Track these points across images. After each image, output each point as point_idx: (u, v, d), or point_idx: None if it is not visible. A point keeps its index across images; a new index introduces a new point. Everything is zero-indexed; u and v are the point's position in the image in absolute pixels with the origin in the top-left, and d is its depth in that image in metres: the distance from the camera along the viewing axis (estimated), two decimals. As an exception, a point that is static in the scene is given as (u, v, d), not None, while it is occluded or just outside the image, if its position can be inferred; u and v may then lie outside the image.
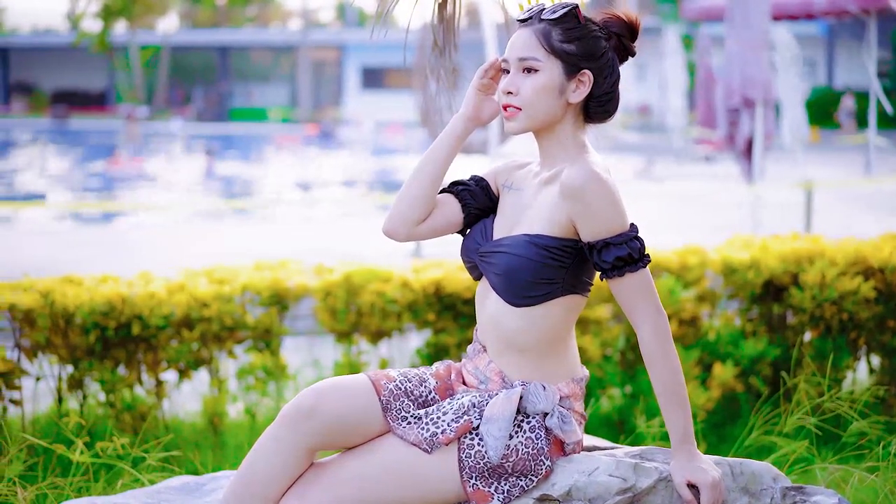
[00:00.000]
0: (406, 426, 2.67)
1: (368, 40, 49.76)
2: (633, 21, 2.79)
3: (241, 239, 14.12)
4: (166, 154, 30.67)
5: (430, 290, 5.35)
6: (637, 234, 2.68)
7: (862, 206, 15.87)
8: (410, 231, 2.89)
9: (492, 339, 2.77)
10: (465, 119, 2.90)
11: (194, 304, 5.17)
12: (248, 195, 20.09)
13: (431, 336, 5.45)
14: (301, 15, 50.78)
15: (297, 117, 45.22)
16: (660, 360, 2.65)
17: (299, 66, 47.28)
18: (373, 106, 45.83)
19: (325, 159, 29.41)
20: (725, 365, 5.42)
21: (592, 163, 2.69)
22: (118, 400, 5.11)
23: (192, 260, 10.79)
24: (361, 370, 5.44)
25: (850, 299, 5.31)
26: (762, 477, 2.64)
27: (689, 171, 22.51)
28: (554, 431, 2.66)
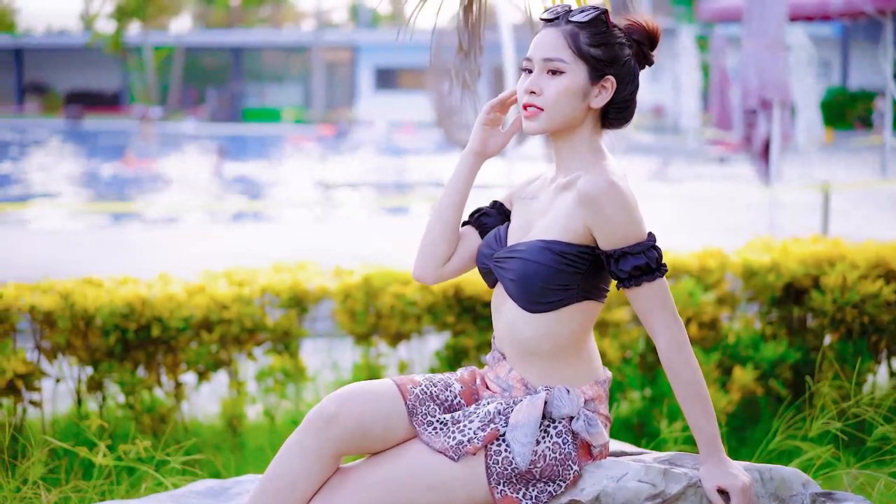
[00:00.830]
0: (432, 432, 2.65)
1: (382, 41, 49.96)
2: (653, 29, 2.77)
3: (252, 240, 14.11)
4: (178, 155, 30.70)
5: (449, 293, 5.34)
6: (654, 243, 2.66)
7: (878, 207, 15.81)
8: (438, 272, 2.92)
9: (510, 346, 2.75)
10: (473, 154, 2.91)
11: (214, 306, 5.17)
12: (259, 196, 20.09)
13: (450, 338, 5.44)
14: (314, 16, 50.82)
15: (310, 118, 45.25)
16: (680, 368, 2.64)
17: (313, 66, 47.31)
18: (386, 106, 45.84)
19: (340, 159, 29.42)
20: (745, 368, 5.41)
21: (609, 170, 2.67)
22: (137, 402, 5.11)
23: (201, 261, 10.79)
24: (380, 372, 5.44)
25: (871, 302, 5.28)
26: (792, 483, 2.62)
27: (702, 172, 22.46)
28: (581, 435, 2.65)
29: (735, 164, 23.28)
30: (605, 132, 2.81)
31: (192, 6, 56.87)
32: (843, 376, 5.18)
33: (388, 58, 49.09)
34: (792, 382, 5.51)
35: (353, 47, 50.24)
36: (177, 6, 52.38)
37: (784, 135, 10.93)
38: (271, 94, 51.49)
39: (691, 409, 2.64)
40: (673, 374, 2.64)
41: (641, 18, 2.76)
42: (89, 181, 23.16)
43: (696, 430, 2.64)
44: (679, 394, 2.64)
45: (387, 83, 49.86)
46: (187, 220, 16.88)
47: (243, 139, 37.50)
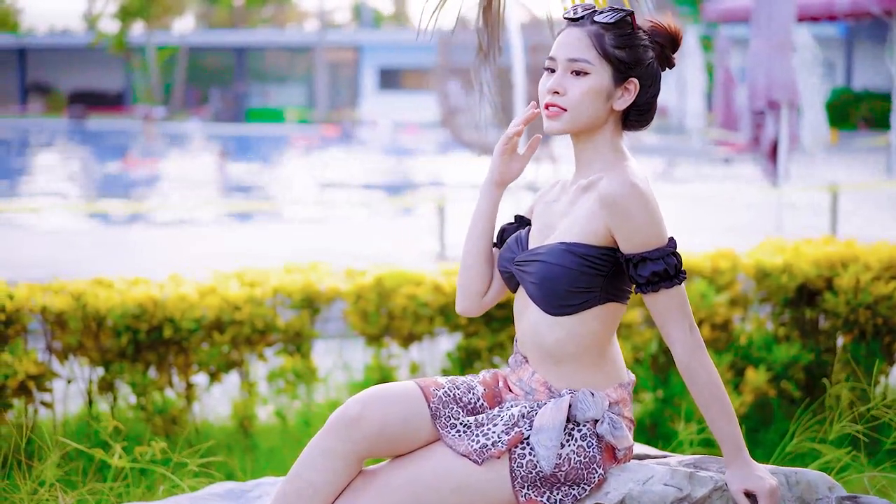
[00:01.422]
0: (455, 435, 2.64)
1: (385, 41, 49.92)
2: (676, 32, 2.75)
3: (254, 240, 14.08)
4: (181, 155, 30.68)
5: (461, 294, 5.32)
6: (675, 249, 2.64)
7: (882, 208, 15.78)
8: (480, 304, 2.93)
9: (532, 349, 2.74)
10: (493, 185, 2.89)
11: (226, 307, 5.16)
12: (262, 196, 20.06)
13: (462, 340, 5.43)
14: (317, 16, 50.81)
15: (313, 118, 45.24)
16: (697, 375, 2.62)
17: (316, 66, 47.30)
18: (389, 107, 45.82)
19: (345, 160, 29.41)
20: (758, 370, 5.39)
21: (631, 172, 2.65)
22: (149, 403, 5.10)
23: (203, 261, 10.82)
24: (392, 374, 5.43)
25: (885, 304, 5.26)
26: (818, 486, 2.60)
27: (708, 172, 22.45)
28: (606, 438, 2.63)
29: (739, 165, 23.26)
30: (625, 134, 2.80)
31: (195, 6, 56.88)
32: (861, 378, 5.16)
33: (391, 58, 49.09)
34: (805, 384, 5.49)
35: (357, 47, 50.23)
36: (180, 6, 52.37)
37: (792, 135, 10.91)
38: (275, 94, 51.48)
39: (712, 415, 2.62)
40: (691, 381, 2.63)
41: (664, 21, 2.74)
42: (92, 181, 23.14)
43: (718, 434, 2.62)
44: (698, 400, 2.63)
45: (390, 83, 49.85)
46: (189, 220, 16.85)
47: (247, 139, 37.49)
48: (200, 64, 52.34)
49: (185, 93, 50.64)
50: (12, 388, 4.87)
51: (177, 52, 50.33)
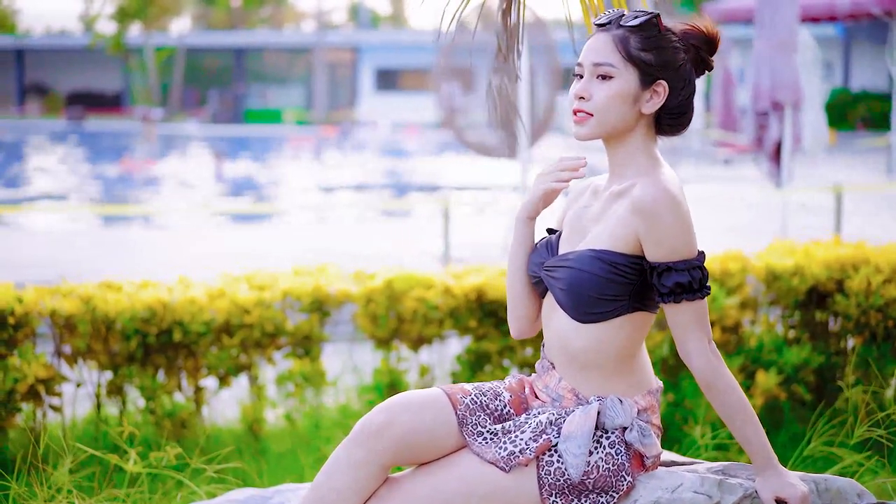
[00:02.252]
0: (482, 442, 2.61)
1: (383, 42, 49.87)
2: (712, 34, 2.71)
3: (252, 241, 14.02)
4: (180, 156, 30.62)
5: (471, 297, 5.31)
6: (702, 263, 2.61)
7: (883, 209, 15.78)
8: (534, 325, 2.91)
9: (559, 355, 2.71)
10: (529, 220, 2.85)
11: (235, 311, 5.15)
12: (260, 197, 20.00)
13: (472, 343, 5.41)
14: (314, 16, 50.78)
15: (312, 119, 45.20)
16: (717, 388, 2.60)
17: (314, 67, 47.27)
18: (387, 108, 45.79)
19: (344, 161, 29.38)
20: (768, 373, 5.37)
21: (666, 179, 2.62)
22: (158, 407, 5.08)
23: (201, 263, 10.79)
24: (401, 377, 5.41)
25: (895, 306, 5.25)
26: (847, 493, 2.59)
27: (708, 173, 22.43)
28: (634, 446, 2.61)
29: (740, 166, 23.24)
30: (659, 139, 2.77)
31: (192, 7, 56.83)
32: (866, 380, 5.14)
33: (389, 59, 49.06)
34: (815, 386, 5.47)
35: (355, 48, 50.20)
36: (178, 7, 52.32)
37: (795, 136, 10.90)
38: (273, 95, 51.42)
39: (737, 425, 2.60)
40: (712, 394, 2.61)
41: (700, 23, 2.71)
42: (90, 183, 23.07)
43: (745, 443, 2.60)
44: (721, 412, 2.61)
45: (388, 84, 49.81)
46: (187, 221, 16.81)
47: (245, 140, 37.44)
48: (198, 65, 52.28)
49: (182, 94, 50.58)
50: (22, 392, 4.85)
51: (174, 53, 50.26)
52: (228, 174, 24.36)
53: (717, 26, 2.73)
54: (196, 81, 51.88)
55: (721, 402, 2.61)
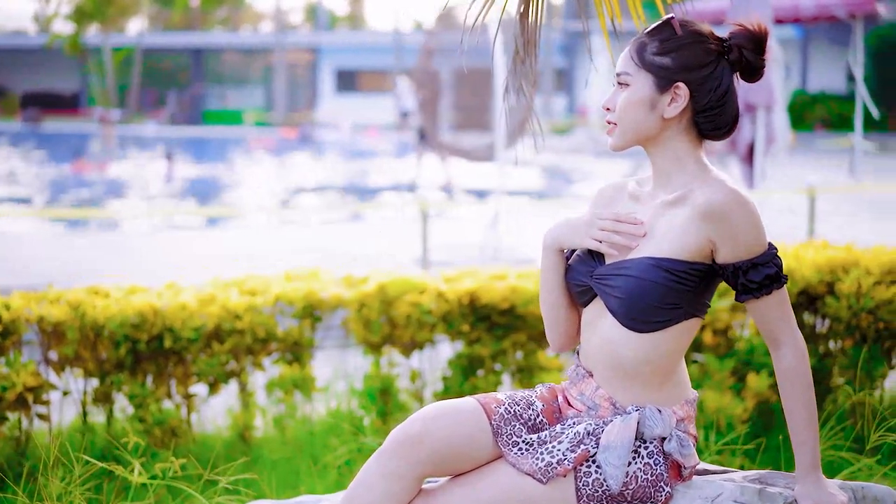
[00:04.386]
0: (518, 453, 2.57)
1: (343, 43, 49.74)
2: (757, 32, 2.67)
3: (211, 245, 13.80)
4: (138, 158, 30.31)
5: (464, 301, 5.27)
6: (776, 250, 2.62)
7: (853, 209, 15.90)
8: (574, 340, 2.87)
9: (602, 365, 2.67)
10: (559, 251, 2.79)
11: (226, 316, 5.08)
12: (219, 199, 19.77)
13: (464, 347, 5.37)
14: (272, 17, 50.58)
15: (271, 120, 45.01)
16: (802, 378, 2.59)
17: (274, 68, 47.07)
18: (347, 109, 45.70)
19: (306, 162, 29.24)
20: (760, 375, 5.37)
21: (730, 182, 2.61)
22: (147, 414, 5.00)
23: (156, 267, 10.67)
24: (392, 382, 5.35)
25: (886, 308, 5.26)
26: (885, 501, 2.57)
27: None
28: (673, 456, 2.57)
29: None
30: (705, 143, 2.74)
31: (150, 8, 56.41)
32: (856, 382, 5.16)
33: (349, 60, 48.95)
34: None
35: (314, 49, 50.04)
36: (136, 8, 51.90)
37: (768, 138, 10.94)
38: (232, 96, 51.16)
39: (799, 423, 2.58)
40: (793, 384, 2.59)
41: (749, 22, 2.68)
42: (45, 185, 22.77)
43: (800, 446, 2.58)
44: (796, 406, 2.58)
45: (347, 85, 49.72)
46: (144, 225, 16.61)
47: (204, 142, 37.20)
48: (156, 66, 51.93)
49: (140, 95, 50.21)
50: (10, 400, 4.76)
51: (132, 54, 49.88)
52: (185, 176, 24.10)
53: (765, 26, 2.69)
54: (154, 82, 51.53)
55: (797, 393, 2.59)
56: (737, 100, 2.70)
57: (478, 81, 13.72)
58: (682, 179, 2.67)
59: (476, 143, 11.29)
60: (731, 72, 2.68)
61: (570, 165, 26.52)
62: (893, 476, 3.74)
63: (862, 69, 17.92)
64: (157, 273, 9.92)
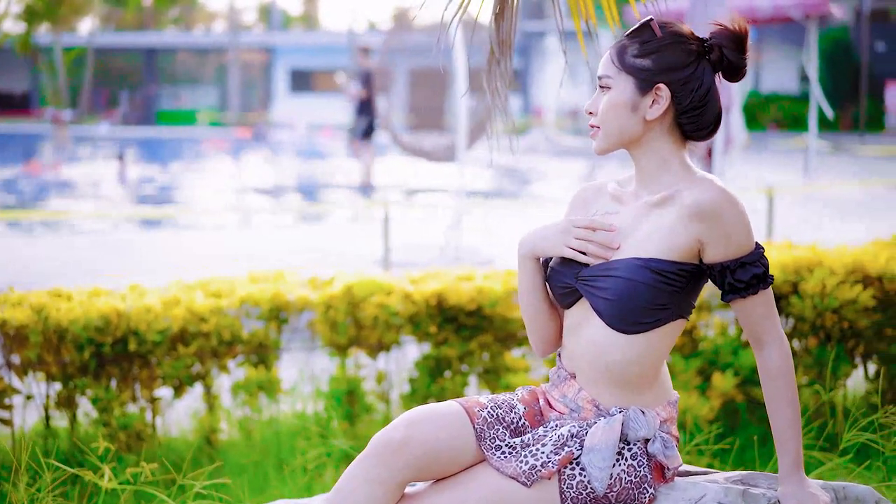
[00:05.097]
0: (501, 457, 2.56)
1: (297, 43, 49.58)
2: (737, 30, 2.66)
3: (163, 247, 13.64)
4: (91, 159, 30.00)
5: (432, 303, 5.25)
6: (763, 250, 2.62)
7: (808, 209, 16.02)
8: (557, 343, 2.85)
9: (587, 367, 2.65)
10: (535, 260, 2.78)
11: (191, 319, 5.03)
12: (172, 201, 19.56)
13: (432, 349, 5.35)
14: (226, 17, 50.32)
15: (225, 120, 44.75)
16: (787, 380, 2.60)
17: (228, 68, 46.81)
18: (301, 109, 45.53)
19: (257, 163, 29.09)
20: (725, 375, 5.39)
21: (715, 181, 2.61)
22: (111, 418, 4.95)
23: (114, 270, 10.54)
24: (359, 384, 5.33)
25: (851, 308, 5.30)
26: (866, 501, 2.58)
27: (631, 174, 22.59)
28: (657, 457, 2.57)
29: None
30: (689, 144, 2.73)
31: (102, 7, 55.92)
32: (820, 381, 5.19)
33: (303, 60, 48.79)
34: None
35: (269, 49, 49.83)
36: (87, 7, 51.43)
37: (727, 138, 11.00)
38: (186, 96, 50.82)
39: (788, 426, 2.59)
40: (779, 387, 2.60)
41: (729, 21, 2.68)
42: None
43: (785, 446, 2.58)
44: (780, 407, 2.59)
45: (302, 86, 49.53)
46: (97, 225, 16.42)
47: (158, 142, 36.93)
48: (109, 66, 51.45)
49: (93, 95, 49.75)
50: (-28, 405, 4.70)
51: (84, 54, 49.42)
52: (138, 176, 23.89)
53: (745, 25, 2.69)
54: (106, 82, 51.05)
55: (781, 394, 2.60)
56: (719, 99, 2.69)
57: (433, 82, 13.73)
58: (668, 180, 2.66)
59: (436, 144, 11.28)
60: (713, 72, 2.67)
61: (526, 165, 26.56)
62: (867, 475, 3.76)
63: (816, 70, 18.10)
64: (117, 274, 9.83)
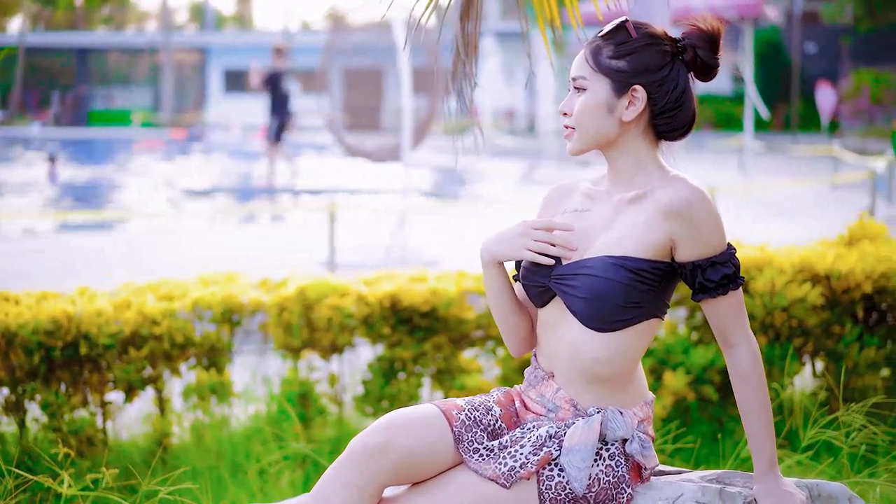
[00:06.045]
0: (479, 459, 2.55)
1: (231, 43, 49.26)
2: (710, 30, 2.66)
3: (93, 250, 13.43)
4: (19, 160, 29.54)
5: (385, 304, 5.23)
6: (735, 251, 2.63)
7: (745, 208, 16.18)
8: (531, 342, 2.86)
9: (564, 366, 2.66)
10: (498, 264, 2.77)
11: (143, 322, 4.97)
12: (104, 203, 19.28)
13: (385, 350, 5.33)
14: (158, 17, 49.88)
15: (159, 121, 44.35)
16: (756, 380, 2.61)
17: (162, 69, 46.40)
18: (235, 109, 45.23)
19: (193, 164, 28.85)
20: (676, 373, 5.43)
21: (691, 181, 2.63)
22: (62, 423, 4.87)
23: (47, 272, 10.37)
24: (312, 387, 5.30)
25: (800, 306, 5.36)
26: (838, 498, 2.61)
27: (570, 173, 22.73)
28: (635, 457, 2.58)
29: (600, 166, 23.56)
30: (662, 144, 2.74)
31: (31, 6, 55.18)
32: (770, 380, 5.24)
33: (237, 60, 48.46)
34: (721, 386, 5.56)
35: (202, 49, 49.46)
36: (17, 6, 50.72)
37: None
38: (119, 96, 50.27)
39: (759, 425, 2.60)
40: (748, 388, 2.61)
41: (701, 21, 2.68)
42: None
43: (757, 446, 2.59)
44: (751, 406, 2.60)
45: (236, 86, 49.19)
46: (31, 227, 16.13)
47: (90, 143, 36.50)
48: (40, 66, 50.75)
49: (23, 96, 49.04)
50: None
51: (14, 54, 48.68)
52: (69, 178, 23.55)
53: (719, 24, 2.69)
54: (38, 83, 50.34)
55: (752, 395, 2.62)
56: (693, 100, 2.71)
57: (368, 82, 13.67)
58: (643, 179, 2.68)
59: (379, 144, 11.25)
60: (687, 72, 2.68)
61: (464, 166, 26.61)
62: (829, 473, 3.81)
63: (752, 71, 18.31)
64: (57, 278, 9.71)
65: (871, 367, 5.51)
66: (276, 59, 19.77)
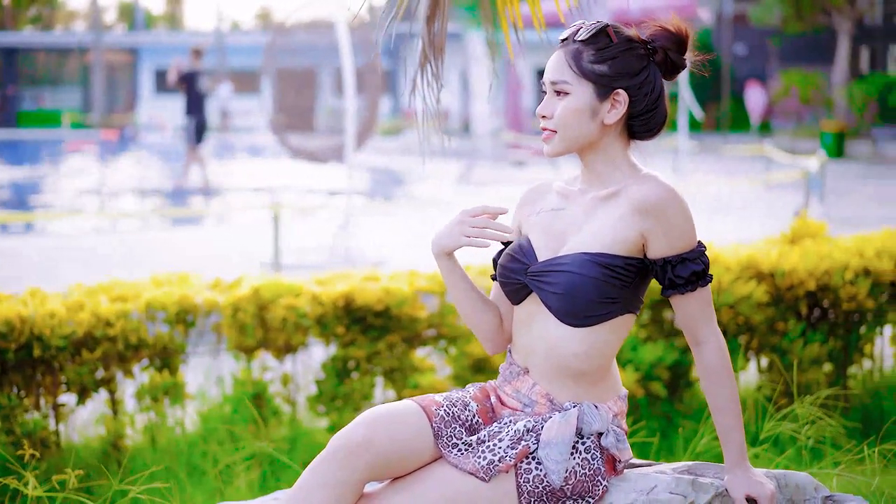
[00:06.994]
0: (459, 454, 2.59)
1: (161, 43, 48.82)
2: (678, 32, 2.71)
3: (20, 253, 13.25)
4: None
5: (339, 304, 5.26)
6: (705, 248, 2.69)
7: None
8: (505, 338, 2.89)
9: (539, 362, 2.70)
10: (448, 256, 2.82)
11: (97, 323, 4.95)
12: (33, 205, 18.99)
13: (339, 350, 5.35)
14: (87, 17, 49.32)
15: (90, 122, 43.85)
16: (724, 375, 2.67)
17: (92, 69, 45.87)
18: (167, 110, 44.84)
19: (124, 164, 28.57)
20: (626, 370, 5.51)
21: (662, 179, 2.68)
22: (15, 426, 4.84)
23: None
24: (266, 387, 5.30)
25: (746, 303, 5.46)
26: (805, 488, 2.68)
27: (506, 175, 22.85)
28: (610, 450, 2.63)
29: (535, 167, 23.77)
30: (633, 143, 2.79)
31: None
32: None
33: (168, 60, 48.01)
34: (669, 382, 5.65)
35: (133, 49, 48.98)
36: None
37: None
38: (48, 97, 49.61)
39: (728, 418, 2.66)
40: (716, 383, 2.67)
41: (669, 23, 2.73)
42: None
43: (727, 439, 2.66)
44: (719, 401, 2.66)
45: (167, 86, 48.76)
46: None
47: (19, 144, 36.01)
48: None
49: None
50: None
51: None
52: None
53: (686, 25, 2.75)
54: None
55: (721, 390, 2.67)
56: (667, 100, 2.77)
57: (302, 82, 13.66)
58: (616, 178, 2.73)
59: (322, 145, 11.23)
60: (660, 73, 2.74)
61: (399, 166, 26.62)
62: (785, 465, 3.89)
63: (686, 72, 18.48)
64: None
65: (814, 362, 5.64)
66: (194, 60, 19.69)
